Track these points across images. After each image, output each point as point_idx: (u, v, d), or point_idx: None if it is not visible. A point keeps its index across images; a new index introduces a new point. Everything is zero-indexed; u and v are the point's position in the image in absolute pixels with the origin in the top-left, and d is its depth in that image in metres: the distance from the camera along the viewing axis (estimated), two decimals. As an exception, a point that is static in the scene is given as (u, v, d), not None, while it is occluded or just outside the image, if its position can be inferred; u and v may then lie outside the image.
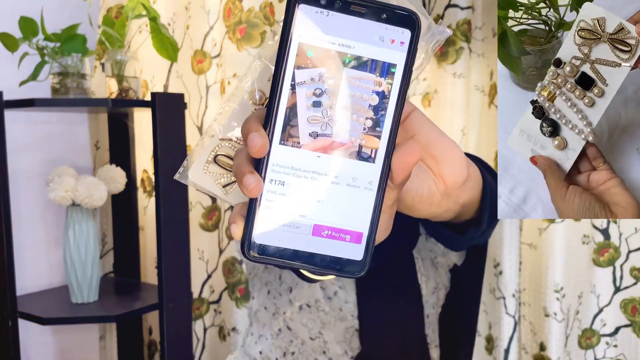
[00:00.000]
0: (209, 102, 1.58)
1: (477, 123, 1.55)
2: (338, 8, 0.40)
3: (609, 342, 1.55)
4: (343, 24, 0.40)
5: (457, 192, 0.56)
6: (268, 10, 1.52)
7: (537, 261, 1.54)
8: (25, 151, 1.58)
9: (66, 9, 1.54)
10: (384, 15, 0.41)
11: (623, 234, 1.50)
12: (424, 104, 1.63)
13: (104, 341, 1.82)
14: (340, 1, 0.40)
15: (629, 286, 1.53)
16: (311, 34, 0.39)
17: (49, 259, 1.65)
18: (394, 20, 0.42)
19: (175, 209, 1.40)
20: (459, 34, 1.52)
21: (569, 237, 1.50)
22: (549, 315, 1.49)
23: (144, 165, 1.71)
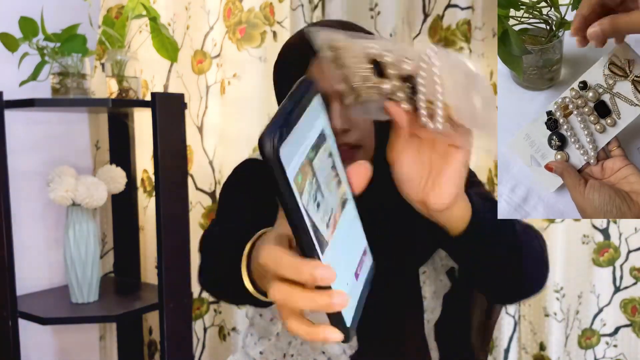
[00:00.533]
0: (209, 102, 1.59)
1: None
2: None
3: (608, 342, 1.55)
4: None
5: (438, 215, 0.66)
6: (268, 11, 1.52)
7: (537, 261, 1.54)
8: (25, 151, 1.58)
9: (66, 9, 1.54)
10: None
11: (623, 233, 1.50)
12: (424, 104, 1.64)
13: (104, 341, 1.82)
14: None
15: (629, 286, 1.53)
16: (295, 165, 0.43)
17: (49, 258, 1.65)
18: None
19: (176, 209, 1.40)
20: (458, 34, 1.52)
21: (569, 237, 1.50)
22: (549, 315, 1.49)
23: (144, 165, 1.71)
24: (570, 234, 1.50)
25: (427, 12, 1.60)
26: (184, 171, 1.42)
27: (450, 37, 1.53)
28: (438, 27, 1.57)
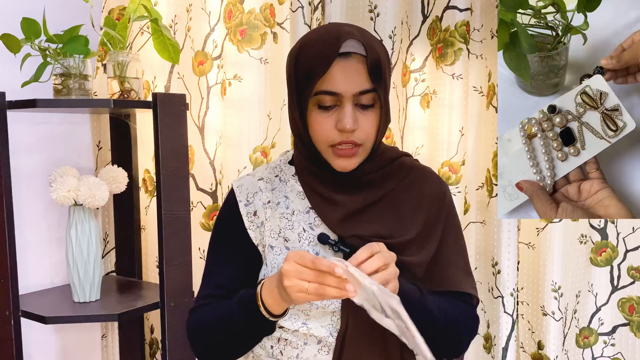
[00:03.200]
0: (210, 103, 1.60)
1: (476, 123, 1.56)
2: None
3: (606, 340, 1.56)
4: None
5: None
6: (268, 12, 1.53)
7: (535, 260, 1.55)
8: (27, 151, 1.59)
9: (68, 11, 1.56)
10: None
11: (621, 233, 1.51)
12: (423, 104, 1.65)
13: (105, 340, 1.83)
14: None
15: (627, 285, 1.54)
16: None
17: (51, 258, 1.66)
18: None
19: (177, 209, 1.41)
20: (457, 35, 1.53)
21: (566, 236, 1.51)
22: (547, 314, 1.50)
23: (146, 165, 1.72)
24: (568, 233, 1.51)
25: (426, 13, 1.61)
26: (185, 171, 1.43)
27: (449, 39, 1.54)
28: (437, 28, 1.58)
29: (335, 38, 0.90)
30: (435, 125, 1.61)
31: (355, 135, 0.93)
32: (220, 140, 1.61)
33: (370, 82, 0.91)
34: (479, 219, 1.60)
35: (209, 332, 0.98)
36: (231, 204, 1.04)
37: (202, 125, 1.61)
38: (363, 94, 0.91)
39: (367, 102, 0.93)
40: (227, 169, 1.60)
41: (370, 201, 0.99)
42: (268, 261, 1.00)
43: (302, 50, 0.94)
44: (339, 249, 0.96)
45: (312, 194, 1.00)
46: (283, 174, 1.05)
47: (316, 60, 0.90)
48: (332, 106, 0.92)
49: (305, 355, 0.97)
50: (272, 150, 1.59)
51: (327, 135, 0.93)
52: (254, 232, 1.01)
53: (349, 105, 0.91)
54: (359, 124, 0.92)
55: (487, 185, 1.57)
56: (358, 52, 0.91)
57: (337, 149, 0.94)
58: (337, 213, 0.98)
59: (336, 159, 0.95)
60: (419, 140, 1.66)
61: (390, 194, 1.01)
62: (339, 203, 0.98)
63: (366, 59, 0.91)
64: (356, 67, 0.91)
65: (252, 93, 1.55)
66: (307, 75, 0.92)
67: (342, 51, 0.90)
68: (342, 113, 0.91)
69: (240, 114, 1.56)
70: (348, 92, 0.91)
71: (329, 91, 0.91)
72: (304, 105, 0.94)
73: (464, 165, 1.57)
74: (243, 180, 1.06)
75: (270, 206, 1.02)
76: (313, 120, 0.94)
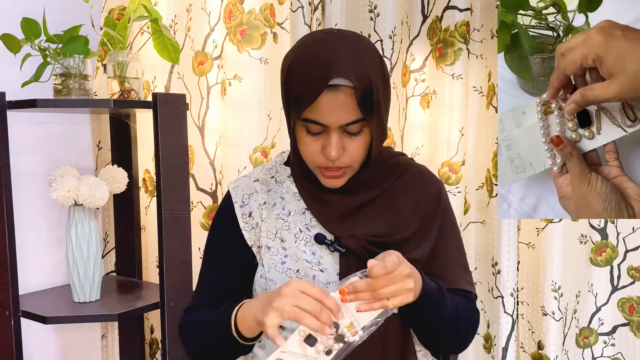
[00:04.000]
0: (210, 103, 1.60)
1: (476, 123, 1.56)
2: None
3: (606, 340, 1.56)
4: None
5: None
6: (268, 12, 1.54)
7: (535, 260, 1.55)
8: (27, 152, 1.59)
9: (68, 11, 1.56)
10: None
11: (621, 233, 1.51)
12: (423, 104, 1.65)
13: (105, 340, 1.83)
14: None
15: (627, 285, 1.54)
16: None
17: (51, 258, 1.66)
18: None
19: (177, 209, 1.41)
20: (457, 35, 1.53)
21: (566, 236, 1.51)
22: (547, 314, 1.50)
23: (146, 165, 1.72)
24: (568, 233, 1.51)
25: (426, 13, 1.61)
26: (185, 171, 1.43)
27: (449, 39, 1.54)
28: (437, 28, 1.58)
29: (325, 69, 0.88)
30: (435, 125, 1.61)
31: (341, 161, 0.94)
32: (220, 140, 1.61)
33: (359, 112, 0.90)
34: (479, 219, 1.60)
35: (195, 336, 1.00)
36: (227, 205, 1.05)
37: (202, 125, 1.61)
38: (350, 124, 0.91)
39: (355, 130, 0.92)
40: (227, 169, 1.60)
41: (365, 200, 1.00)
42: (265, 262, 1.00)
43: (292, 72, 0.92)
44: (335, 249, 0.96)
45: (306, 195, 1.01)
46: (279, 175, 1.06)
47: (304, 90, 0.89)
48: (319, 132, 0.92)
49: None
50: (272, 150, 1.59)
51: (314, 158, 0.94)
52: (248, 232, 1.02)
53: (335, 135, 0.91)
54: (346, 149, 0.93)
55: (487, 185, 1.57)
56: (347, 84, 0.88)
57: (323, 170, 0.95)
58: (333, 213, 0.98)
59: (323, 178, 0.97)
60: (419, 140, 1.66)
61: (385, 193, 1.02)
62: (333, 203, 0.99)
63: (355, 91, 0.89)
64: (344, 100, 0.89)
65: (252, 93, 1.55)
66: (295, 100, 0.91)
67: (330, 83, 0.88)
68: (327, 141, 0.92)
69: (240, 114, 1.57)
70: (334, 124, 0.90)
71: (316, 121, 0.90)
72: (293, 125, 0.94)
73: (464, 165, 1.57)
74: (239, 182, 1.07)
75: (266, 207, 1.03)
76: (301, 141, 0.95)
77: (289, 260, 0.99)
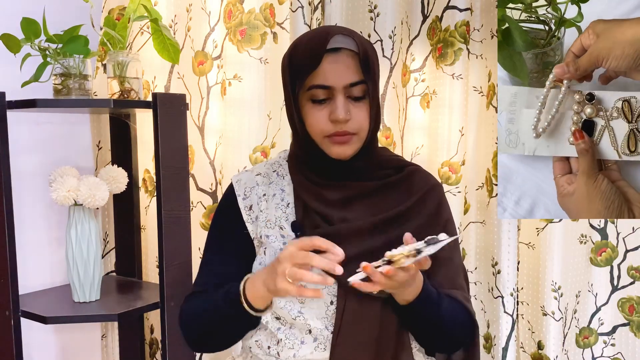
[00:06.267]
0: (210, 103, 1.60)
1: (476, 123, 1.56)
2: None
3: (606, 340, 1.56)
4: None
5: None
6: (268, 12, 1.53)
7: (535, 260, 1.55)
8: (27, 152, 1.59)
9: (68, 11, 1.56)
10: None
11: (621, 233, 1.51)
12: (423, 104, 1.65)
13: (105, 340, 1.83)
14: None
15: (627, 285, 1.54)
16: None
17: (51, 258, 1.66)
18: None
19: (177, 209, 1.41)
20: (457, 35, 1.53)
21: (566, 236, 1.51)
22: (547, 314, 1.50)
23: (146, 165, 1.72)
24: (568, 233, 1.51)
25: (426, 13, 1.61)
26: (185, 171, 1.43)
27: (449, 39, 1.54)
28: (437, 28, 1.58)
29: (324, 35, 0.96)
30: (435, 125, 1.61)
31: (348, 126, 0.97)
32: (220, 140, 1.61)
33: (361, 74, 0.96)
34: (479, 219, 1.60)
35: (196, 321, 1.03)
36: (230, 197, 1.09)
37: (202, 125, 1.61)
38: (354, 85, 0.96)
39: (359, 93, 0.97)
40: (227, 169, 1.60)
41: (359, 192, 1.03)
42: (266, 249, 1.03)
43: (295, 49, 1.00)
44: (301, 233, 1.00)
45: (301, 186, 1.04)
46: (281, 169, 1.10)
47: (307, 57, 0.96)
48: (325, 99, 0.97)
49: (302, 352, 0.99)
50: (272, 150, 1.59)
51: (322, 127, 0.98)
52: (251, 225, 1.06)
53: (341, 97, 0.96)
54: (352, 114, 0.97)
55: (487, 185, 1.57)
56: (347, 47, 0.96)
57: (332, 138, 0.98)
58: (326, 201, 1.01)
59: (332, 146, 0.99)
60: (419, 140, 1.66)
61: (382, 188, 1.04)
62: (327, 194, 1.01)
63: (355, 53, 0.96)
64: (346, 60, 0.96)
65: (252, 93, 1.55)
66: (299, 71, 0.97)
67: (331, 47, 0.95)
68: (334, 105, 0.96)
69: (240, 114, 1.56)
70: (339, 84, 0.95)
71: (321, 85, 0.96)
72: (298, 100, 0.99)
73: (464, 165, 1.57)
74: (242, 176, 1.11)
75: (265, 198, 1.06)
76: (308, 114, 0.99)
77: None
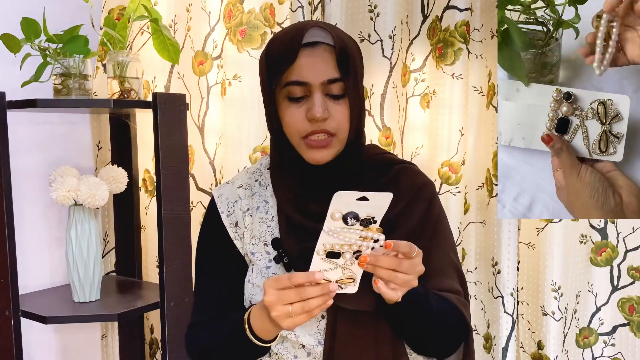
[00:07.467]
0: (210, 103, 1.60)
1: (476, 123, 1.56)
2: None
3: (606, 340, 1.56)
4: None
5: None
6: (268, 12, 1.53)
7: (535, 260, 1.55)
8: (27, 151, 1.59)
9: (68, 10, 1.56)
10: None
11: (621, 233, 1.51)
12: (423, 104, 1.65)
13: (105, 340, 1.83)
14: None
15: (627, 285, 1.54)
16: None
17: (51, 258, 1.66)
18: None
19: (177, 209, 1.41)
20: (457, 35, 1.53)
21: (566, 236, 1.51)
22: (547, 314, 1.50)
23: (146, 165, 1.72)
24: (568, 233, 1.51)
25: (426, 13, 1.61)
26: (185, 171, 1.43)
27: (449, 39, 1.54)
28: (437, 28, 1.58)
29: (300, 29, 0.91)
30: (435, 125, 1.61)
31: (326, 124, 0.91)
32: (220, 140, 1.61)
33: (338, 71, 0.90)
34: (479, 219, 1.60)
35: (205, 355, 1.00)
36: (214, 216, 1.04)
37: (202, 125, 1.61)
38: (332, 82, 0.90)
39: (337, 91, 0.91)
40: (227, 169, 1.60)
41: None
42: (253, 266, 0.99)
43: (271, 45, 0.95)
44: (278, 260, 0.96)
45: (283, 200, 0.98)
46: (263, 178, 1.04)
47: (282, 52, 0.91)
48: (302, 97, 0.91)
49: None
50: (272, 150, 1.59)
51: (298, 127, 0.92)
52: (239, 242, 1.01)
53: (318, 94, 0.90)
54: (330, 113, 0.91)
55: (487, 185, 1.57)
56: (324, 41, 0.90)
57: (309, 140, 0.92)
58: (311, 215, 0.95)
59: (309, 150, 0.93)
60: (419, 140, 1.66)
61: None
62: (311, 207, 0.96)
63: (333, 48, 0.90)
64: (323, 55, 0.90)
65: (252, 93, 1.55)
66: (275, 67, 0.92)
67: (308, 41, 0.90)
68: (311, 102, 0.90)
69: (240, 113, 1.56)
70: (316, 81, 0.90)
71: (297, 81, 0.90)
72: (275, 98, 0.94)
73: (464, 165, 1.57)
74: (223, 190, 1.05)
75: (250, 213, 1.01)
76: (284, 113, 0.93)
77: (273, 264, 0.97)
